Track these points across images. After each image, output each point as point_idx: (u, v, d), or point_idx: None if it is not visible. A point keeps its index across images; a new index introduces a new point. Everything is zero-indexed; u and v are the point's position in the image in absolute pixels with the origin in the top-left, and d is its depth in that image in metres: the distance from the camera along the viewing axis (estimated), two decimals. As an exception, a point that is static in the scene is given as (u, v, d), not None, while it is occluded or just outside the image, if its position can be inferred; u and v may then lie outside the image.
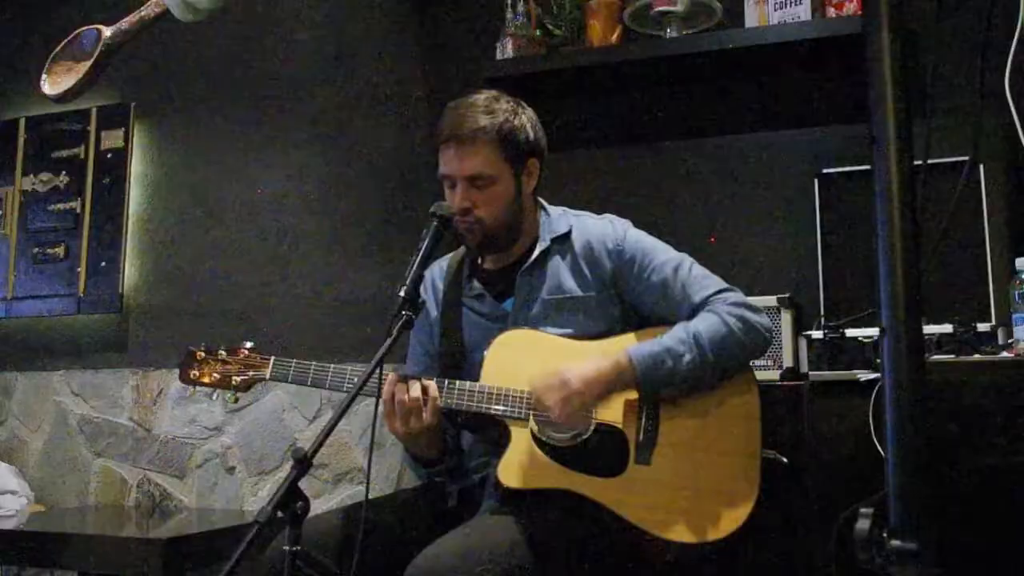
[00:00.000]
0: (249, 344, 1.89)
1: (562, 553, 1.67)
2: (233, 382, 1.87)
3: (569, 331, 1.84)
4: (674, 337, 1.75)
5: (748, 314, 1.78)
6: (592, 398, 1.72)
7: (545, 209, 1.97)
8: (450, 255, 2.03)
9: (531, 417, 1.75)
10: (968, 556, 1.76)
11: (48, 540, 2.59)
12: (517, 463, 1.73)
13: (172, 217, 3.38)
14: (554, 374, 1.71)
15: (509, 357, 1.80)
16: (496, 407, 1.76)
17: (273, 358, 1.87)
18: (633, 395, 1.76)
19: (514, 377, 1.77)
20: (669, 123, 2.81)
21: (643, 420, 1.76)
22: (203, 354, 1.89)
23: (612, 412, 1.77)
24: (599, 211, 1.99)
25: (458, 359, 1.92)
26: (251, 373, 1.87)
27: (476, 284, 1.95)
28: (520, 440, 1.75)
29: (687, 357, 1.72)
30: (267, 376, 1.86)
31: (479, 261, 1.98)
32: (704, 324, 1.76)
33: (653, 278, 1.84)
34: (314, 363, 1.84)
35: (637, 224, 1.95)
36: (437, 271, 2.02)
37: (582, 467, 1.73)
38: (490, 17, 2.92)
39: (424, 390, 1.73)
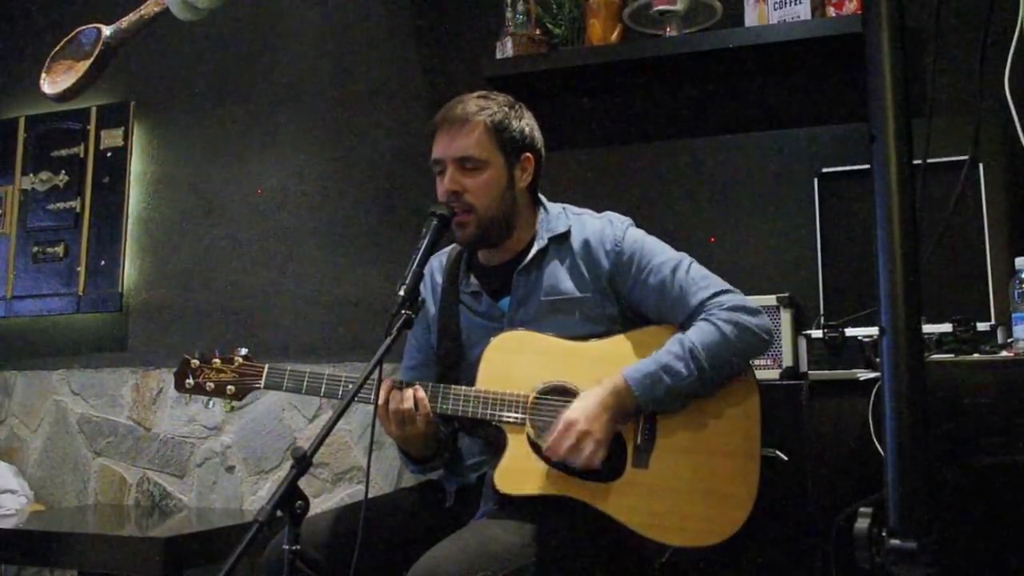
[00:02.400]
0: (244, 351, 1.88)
1: (561, 558, 1.66)
2: (228, 391, 1.85)
3: (566, 331, 1.82)
4: (670, 352, 1.73)
5: (745, 319, 1.76)
6: (603, 434, 1.69)
7: (544, 207, 1.95)
8: (449, 248, 2.01)
9: (527, 421, 1.75)
10: (968, 556, 1.76)
11: (48, 539, 2.59)
12: (514, 469, 1.72)
13: (172, 216, 3.38)
14: (558, 423, 1.69)
15: (505, 359, 1.79)
16: (492, 412, 1.75)
17: (267, 366, 1.85)
18: None
19: (510, 380, 1.76)
20: (669, 122, 2.80)
21: (641, 423, 1.75)
22: (197, 362, 1.87)
23: None
24: (599, 211, 1.98)
25: (455, 357, 1.91)
26: (245, 382, 1.86)
27: (473, 280, 1.93)
28: (517, 445, 1.74)
29: (684, 372, 1.71)
30: (261, 385, 1.85)
31: (476, 256, 1.97)
32: (699, 335, 1.73)
33: (651, 279, 1.82)
34: (309, 371, 1.83)
35: (637, 223, 1.94)
36: (436, 264, 2.00)
37: (579, 472, 1.71)
38: (490, 17, 2.92)
39: (416, 402, 1.73)
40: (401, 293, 1.60)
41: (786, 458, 1.80)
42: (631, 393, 1.71)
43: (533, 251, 1.88)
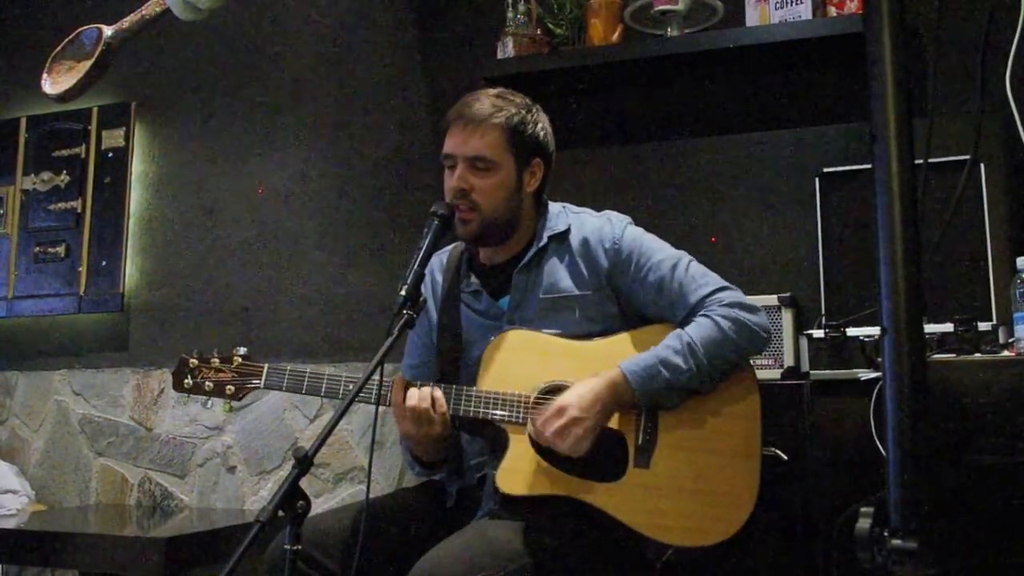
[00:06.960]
0: (243, 350, 1.87)
1: (562, 558, 1.66)
2: (227, 391, 1.84)
3: (566, 330, 1.82)
4: (668, 347, 1.73)
5: (743, 315, 1.76)
6: (594, 422, 1.69)
7: (545, 206, 1.96)
8: (450, 247, 2.01)
9: (529, 421, 1.75)
10: (968, 556, 1.76)
11: (49, 539, 2.59)
12: (516, 469, 1.72)
13: (172, 216, 3.39)
14: (551, 406, 1.69)
15: (505, 359, 1.79)
16: (494, 412, 1.75)
17: (266, 366, 1.84)
18: None
19: (511, 380, 1.76)
20: (670, 122, 2.81)
21: (642, 423, 1.75)
22: (196, 362, 1.86)
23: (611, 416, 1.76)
24: (598, 211, 1.98)
25: (455, 355, 1.91)
26: (244, 381, 1.85)
27: (473, 279, 1.93)
28: (519, 445, 1.74)
29: (682, 367, 1.71)
30: (261, 384, 1.84)
31: (476, 255, 1.97)
32: (698, 330, 1.74)
33: (650, 277, 1.82)
34: (309, 370, 1.82)
35: (637, 223, 1.95)
36: (436, 263, 2.00)
37: (581, 472, 1.72)
38: (490, 17, 2.92)
39: (432, 401, 1.72)
40: (402, 293, 1.60)
41: (786, 457, 1.80)
42: (629, 386, 1.71)
43: (533, 250, 1.88)
